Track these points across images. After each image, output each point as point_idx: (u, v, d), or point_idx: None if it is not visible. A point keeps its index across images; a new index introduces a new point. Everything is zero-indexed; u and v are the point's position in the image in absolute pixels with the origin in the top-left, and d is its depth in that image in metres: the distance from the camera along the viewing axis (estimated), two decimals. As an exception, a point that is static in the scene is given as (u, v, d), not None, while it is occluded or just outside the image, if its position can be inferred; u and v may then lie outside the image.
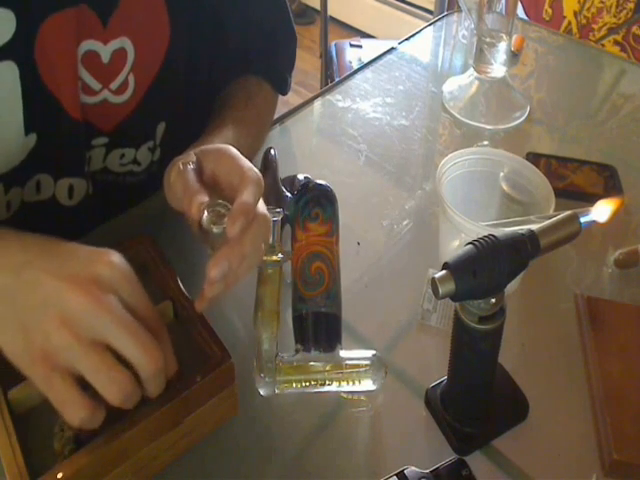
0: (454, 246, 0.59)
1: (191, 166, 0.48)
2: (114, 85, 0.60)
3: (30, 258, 0.40)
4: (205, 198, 0.46)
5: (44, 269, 0.39)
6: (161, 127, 0.68)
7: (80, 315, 0.37)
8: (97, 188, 0.66)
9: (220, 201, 0.45)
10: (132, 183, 0.69)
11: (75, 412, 0.37)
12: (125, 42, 0.59)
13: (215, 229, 0.44)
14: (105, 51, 0.58)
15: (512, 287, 0.60)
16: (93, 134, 0.62)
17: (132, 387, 0.38)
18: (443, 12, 1.19)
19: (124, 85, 0.61)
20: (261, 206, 0.46)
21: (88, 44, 0.56)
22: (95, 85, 0.59)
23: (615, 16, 1.31)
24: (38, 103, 0.55)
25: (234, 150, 0.49)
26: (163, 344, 0.41)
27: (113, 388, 0.37)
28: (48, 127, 0.57)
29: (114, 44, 0.58)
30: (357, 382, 0.50)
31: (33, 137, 0.57)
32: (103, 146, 0.64)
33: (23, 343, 0.38)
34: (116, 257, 0.40)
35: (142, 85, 0.63)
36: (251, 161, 0.54)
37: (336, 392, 0.52)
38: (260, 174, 0.46)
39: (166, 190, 0.51)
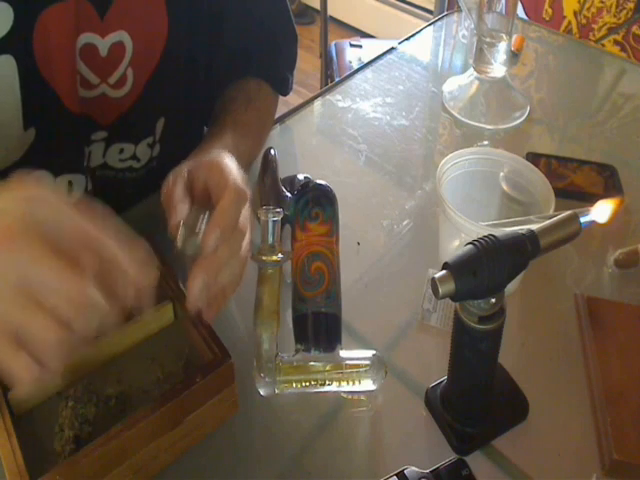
0: (454, 246, 0.59)
1: (181, 180, 0.47)
2: (112, 79, 0.60)
3: None
4: (184, 210, 0.45)
5: None
6: (160, 123, 0.68)
7: None
8: (96, 185, 0.66)
9: (199, 212, 0.44)
10: (131, 179, 0.69)
11: (18, 376, 0.34)
12: (123, 35, 0.58)
13: (188, 250, 0.43)
14: (103, 44, 0.58)
15: (512, 287, 0.60)
16: (92, 128, 0.62)
17: (53, 329, 0.33)
18: (443, 12, 1.18)
19: (122, 79, 0.61)
20: (241, 219, 0.45)
21: (86, 37, 0.56)
22: (93, 79, 0.59)
23: (615, 16, 1.31)
24: (37, 97, 0.55)
25: (225, 161, 0.48)
26: (114, 250, 0.36)
27: (37, 334, 0.34)
28: (47, 121, 0.57)
29: (112, 37, 0.58)
30: (357, 382, 0.50)
31: (32, 132, 0.57)
32: (102, 140, 0.64)
33: None
34: (26, 186, 0.35)
35: (141, 79, 0.62)
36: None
37: (336, 392, 0.52)
38: (245, 187, 0.45)
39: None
